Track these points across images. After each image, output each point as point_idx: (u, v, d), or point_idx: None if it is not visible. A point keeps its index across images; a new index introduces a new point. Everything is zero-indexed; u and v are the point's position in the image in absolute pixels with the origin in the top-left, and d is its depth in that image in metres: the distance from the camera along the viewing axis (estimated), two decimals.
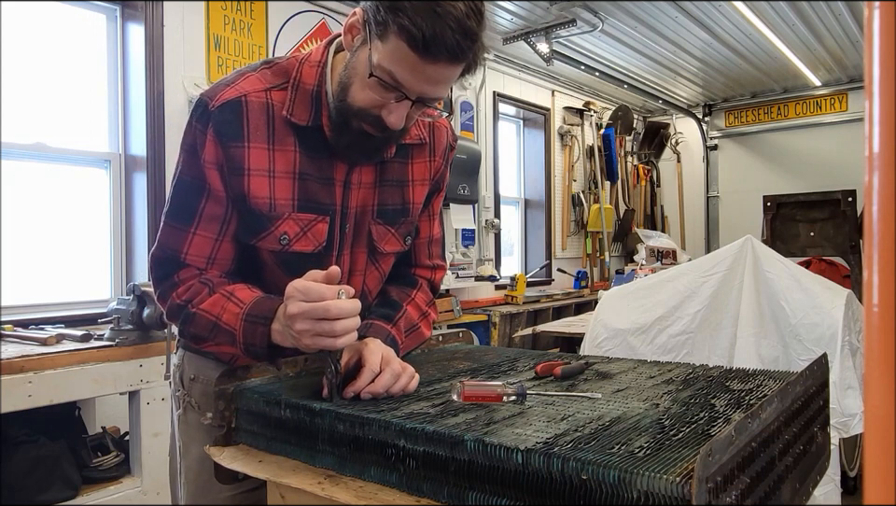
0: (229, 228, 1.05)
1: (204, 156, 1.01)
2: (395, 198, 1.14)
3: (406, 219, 1.16)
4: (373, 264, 1.16)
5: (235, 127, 1.01)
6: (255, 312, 0.96)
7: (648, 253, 4.70)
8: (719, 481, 0.57)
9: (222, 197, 1.03)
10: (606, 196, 6.65)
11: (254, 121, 1.02)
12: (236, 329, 0.97)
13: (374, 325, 1.11)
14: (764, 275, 2.37)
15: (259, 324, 0.95)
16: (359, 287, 1.14)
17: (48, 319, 2.69)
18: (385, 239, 1.14)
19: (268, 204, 1.02)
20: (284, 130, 1.03)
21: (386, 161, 1.12)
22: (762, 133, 7.23)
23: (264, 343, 0.96)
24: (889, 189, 0.33)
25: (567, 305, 5.50)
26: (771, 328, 2.33)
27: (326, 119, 1.03)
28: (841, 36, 5.30)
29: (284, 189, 1.03)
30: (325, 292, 0.88)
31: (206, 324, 1.01)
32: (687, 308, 2.48)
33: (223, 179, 1.02)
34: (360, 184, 1.10)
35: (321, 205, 1.06)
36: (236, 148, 1.01)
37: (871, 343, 0.33)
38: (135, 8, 3.15)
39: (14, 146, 2.85)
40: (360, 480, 0.79)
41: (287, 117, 1.03)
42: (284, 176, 1.03)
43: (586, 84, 6.44)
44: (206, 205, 1.03)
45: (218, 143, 1.01)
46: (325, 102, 1.03)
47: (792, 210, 3.85)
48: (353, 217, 1.10)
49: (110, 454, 2.38)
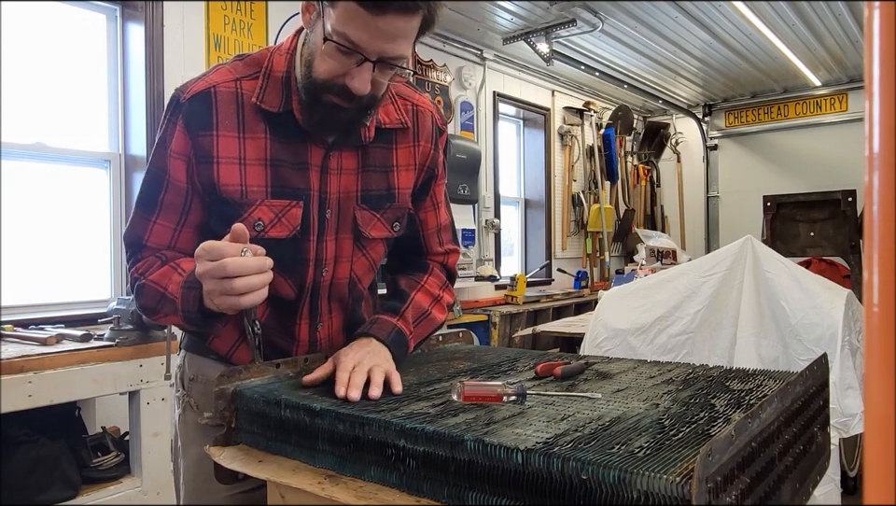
0: (188, 218, 1.07)
1: (172, 146, 1.03)
2: (379, 183, 1.13)
3: (392, 205, 1.15)
4: (360, 251, 1.15)
5: (204, 117, 1.02)
6: (191, 278, 0.96)
7: (648, 253, 4.70)
8: (719, 481, 0.57)
9: (182, 188, 1.05)
10: (606, 196, 6.65)
11: (223, 111, 1.03)
12: (177, 296, 0.98)
13: (379, 320, 1.12)
14: (764, 275, 2.37)
15: (193, 288, 0.95)
16: (347, 273, 1.14)
17: (48, 319, 2.69)
18: (370, 224, 1.14)
19: (239, 191, 1.03)
20: (254, 118, 1.04)
21: (368, 147, 1.11)
22: (762, 133, 7.23)
23: (196, 307, 0.95)
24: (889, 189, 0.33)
25: (567, 305, 5.50)
26: (771, 328, 2.33)
27: (296, 104, 1.04)
28: (841, 36, 5.30)
29: (256, 176, 1.04)
30: (225, 250, 0.88)
31: (154, 295, 1.02)
32: (687, 308, 2.48)
33: (188, 170, 1.04)
34: (341, 169, 1.10)
35: (295, 190, 1.06)
36: (205, 137, 1.02)
37: (871, 343, 0.33)
38: (135, 8, 3.15)
39: (14, 146, 2.85)
40: (360, 480, 0.79)
41: (257, 104, 1.03)
42: (255, 164, 1.04)
43: (586, 84, 6.44)
44: (166, 196, 1.05)
45: (187, 133, 1.02)
46: (294, 87, 1.04)
47: (792, 210, 3.85)
48: (335, 203, 1.10)
49: (110, 454, 2.38)
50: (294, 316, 1.13)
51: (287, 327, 1.13)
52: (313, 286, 1.11)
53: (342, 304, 1.18)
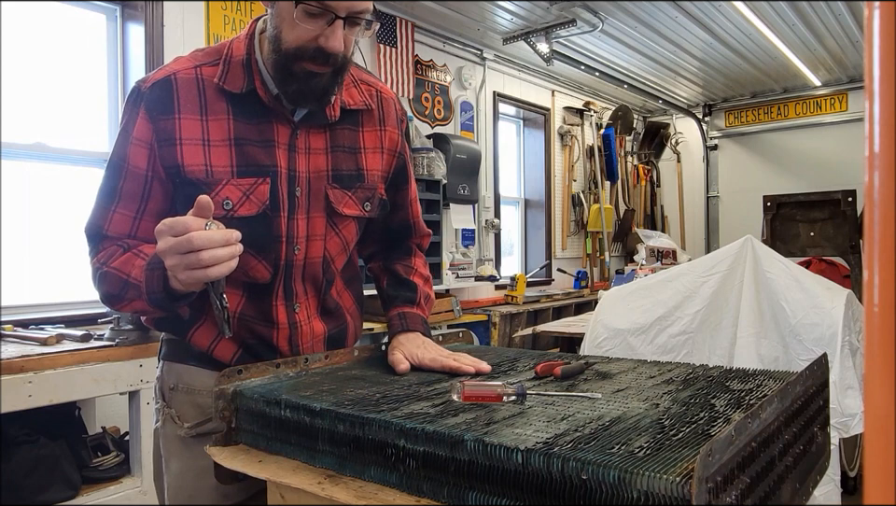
0: (148, 206, 1.07)
1: (134, 134, 1.04)
2: (349, 164, 1.16)
3: (362, 185, 1.17)
4: (333, 229, 1.16)
5: (166, 102, 1.04)
6: (153, 259, 0.96)
7: (648, 253, 4.70)
8: (719, 481, 0.57)
9: (141, 175, 1.05)
10: (606, 196, 6.65)
11: (184, 96, 1.05)
12: (141, 281, 0.97)
13: (408, 315, 1.23)
14: (764, 275, 2.37)
15: (157, 269, 0.95)
16: (320, 252, 1.15)
17: (48, 319, 2.69)
18: (342, 202, 1.15)
19: (204, 171, 1.04)
20: (216, 100, 1.06)
21: (336, 128, 1.14)
22: (762, 133, 7.23)
23: (160, 287, 0.95)
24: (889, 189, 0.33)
25: (567, 305, 5.51)
26: (771, 328, 2.33)
27: (259, 83, 1.07)
28: (841, 36, 5.30)
29: (220, 157, 1.05)
30: (190, 224, 0.88)
31: (117, 282, 1.01)
32: (687, 308, 2.48)
33: (150, 157, 1.05)
34: (309, 149, 1.12)
35: (261, 168, 1.07)
36: (167, 121, 1.04)
37: (871, 343, 0.33)
38: (135, 8, 3.15)
39: (14, 146, 2.85)
40: (360, 480, 0.79)
41: (220, 85, 1.06)
42: (219, 144, 1.05)
43: (586, 84, 6.44)
44: (125, 184, 1.06)
45: (149, 119, 1.04)
46: (256, 69, 1.07)
47: (792, 210, 3.85)
48: (305, 182, 1.11)
49: (110, 454, 2.38)
50: (270, 299, 1.12)
51: (264, 311, 1.12)
52: (286, 265, 1.11)
53: (315, 285, 1.18)
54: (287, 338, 1.14)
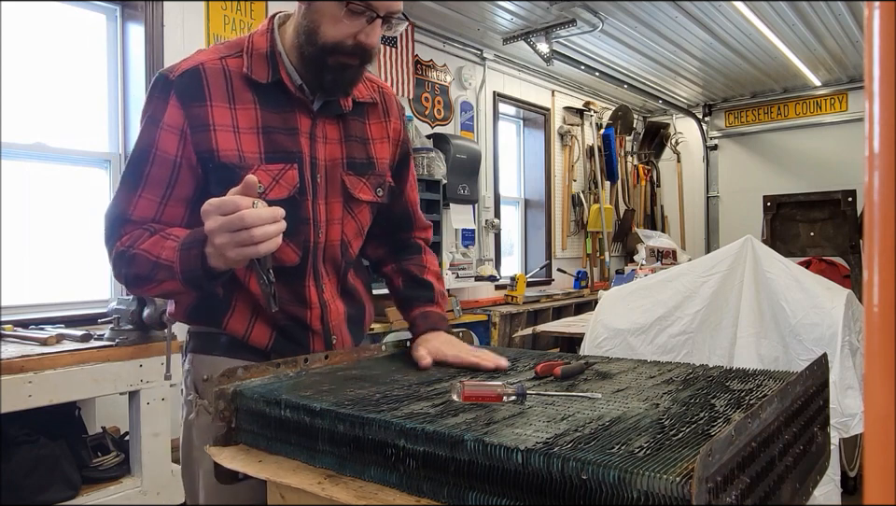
0: (174, 191, 1.10)
1: (165, 120, 1.07)
2: (360, 153, 1.23)
3: (373, 172, 1.25)
4: (350, 214, 1.22)
5: (196, 90, 1.08)
6: (188, 239, 1.00)
7: (648, 253, 4.70)
8: (719, 481, 0.57)
9: (170, 160, 1.08)
10: (606, 196, 6.65)
11: (213, 84, 1.10)
12: (174, 261, 1.00)
13: (430, 313, 1.27)
14: (764, 275, 2.37)
15: (194, 248, 0.98)
16: (339, 236, 1.21)
17: (48, 319, 2.69)
18: (357, 188, 1.22)
19: (237, 156, 1.08)
20: (242, 90, 1.12)
21: (347, 119, 1.22)
22: (762, 133, 7.23)
23: (198, 265, 0.98)
24: (889, 189, 0.33)
25: (567, 305, 5.51)
26: (771, 328, 2.33)
27: (284, 73, 1.13)
28: (841, 36, 5.30)
29: (250, 144, 1.10)
30: (239, 203, 0.91)
31: (146, 263, 1.03)
32: (687, 308, 2.48)
33: (181, 142, 1.08)
34: (326, 138, 1.18)
35: (289, 154, 1.13)
36: (200, 108, 1.08)
37: (871, 343, 0.33)
38: (135, 8, 3.15)
39: (14, 146, 2.85)
40: (360, 480, 0.79)
41: (247, 74, 1.11)
42: (248, 132, 1.10)
43: (586, 84, 6.44)
44: (152, 170, 1.08)
45: (181, 106, 1.08)
46: (280, 60, 1.13)
47: (792, 210, 3.85)
48: (323, 169, 1.17)
49: (110, 454, 2.38)
50: (303, 280, 1.18)
51: (297, 293, 1.17)
52: (313, 248, 1.17)
53: (336, 267, 1.23)
54: (320, 317, 1.19)
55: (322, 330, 1.20)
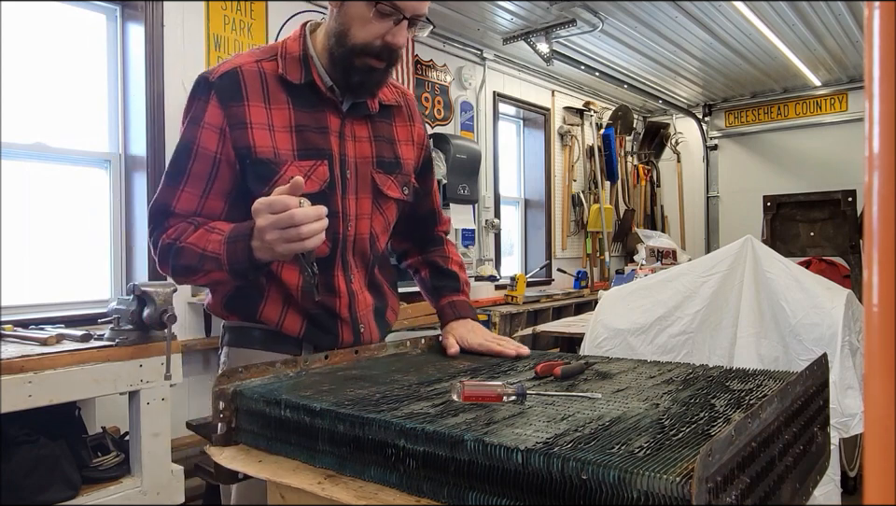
0: (214, 186, 1.17)
1: (205, 119, 1.16)
2: (389, 152, 1.31)
3: (400, 171, 1.32)
4: (378, 210, 1.30)
5: (235, 90, 1.17)
6: (234, 233, 1.08)
7: (648, 253, 4.70)
8: (719, 481, 0.57)
9: (210, 156, 1.16)
10: (606, 196, 6.65)
11: (250, 85, 1.18)
12: (220, 253, 1.09)
13: (457, 302, 1.36)
14: (764, 275, 2.37)
15: (240, 241, 1.06)
16: (367, 230, 1.28)
17: (48, 319, 2.69)
18: (386, 185, 1.29)
19: (272, 152, 1.16)
20: (277, 91, 1.19)
21: (375, 120, 1.29)
22: (762, 133, 7.23)
23: (245, 257, 1.06)
24: (889, 189, 0.33)
25: (567, 305, 5.50)
26: (771, 328, 2.33)
27: (316, 75, 1.20)
28: (841, 36, 5.30)
29: (284, 141, 1.18)
30: (288, 202, 0.99)
31: (194, 255, 1.11)
32: (687, 308, 2.48)
33: (220, 139, 1.16)
34: (355, 137, 1.26)
35: (319, 151, 1.20)
36: (237, 107, 1.16)
37: (871, 343, 0.33)
38: (135, 8, 3.15)
39: (14, 146, 2.85)
40: (360, 480, 0.79)
41: (282, 74, 1.19)
42: (282, 131, 1.18)
43: (586, 84, 6.44)
44: (194, 165, 1.16)
45: (220, 105, 1.16)
46: (312, 63, 1.21)
47: (792, 210, 3.85)
48: (353, 166, 1.25)
49: (110, 454, 2.37)
50: (332, 270, 1.24)
51: (327, 282, 1.23)
52: (342, 239, 1.24)
53: (364, 260, 1.30)
54: (348, 306, 1.26)
55: (350, 318, 1.26)
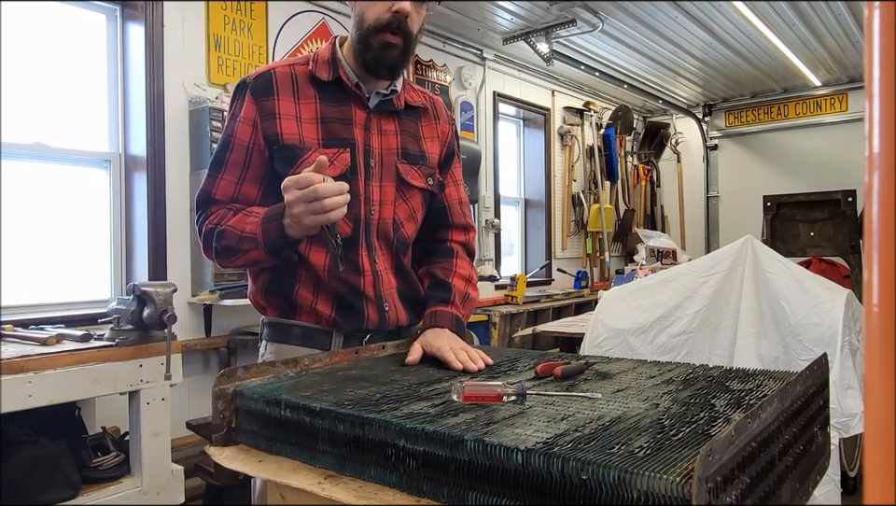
0: (248, 173, 1.30)
1: (241, 115, 1.30)
2: (413, 146, 1.41)
3: (424, 164, 1.42)
4: (402, 198, 1.39)
5: (267, 88, 1.30)
6: (268, 214, 1.20)
7: (648, 253, 4.70)
8: (719, 481, 0.57)
9: (244, 146, 1.29)
10: (606, 196, 6.64)
11: (281, 83, 1.31)
12: (257, 233, 1.21)
13: (438, 312, 1.35)
14: (764, 275, 2.37)
15: (273, 220, 1.18)
16: (390, 216, 1.37)
17: (48, 319, 2.69)
18: (410, 174, 1.39)
19: (298, 138, 1.28)
20: (306, 88, 1.32)
21: (402, 117, 1.40)
22: (762, 133, 7.23)
23: (278, 234, 1.17)
24: (889, 189, 0.33)
25: (567, 305, 5.50)
26: (771, 328, 2.33)
27: (342, 73, 1.32)
28: (841, 36, 5.30)
29: (309, 132, 1.30)
30: (312, 178, 1.10)
31: (233, 236, 1.24)
32: (687, 308, 2.48)
33: (252, 130, 1.29)
34: (381, 130, 1.36)
35: (343, 140, 1.31)
36: (268, 101, 1.29)
37: (871, 343, 0.33)
38: (135, 8, 3.15)
39: (14, 146, 2.85)
40: (360, 480, 0.79)
41: (311, 72, 1.32)
42: (309, 122, 1.30)
43: (586, 84, 6.44)
44: (231, 156, 1.30)
45: (254, 101, 1.30)
46: (339, 64, 1.34)
47: (792, 210, 3.85)
48: (378, 156, 1.35)
49: (110, 454, 2.37)
50: (356, 249, 1.33)
51: (352, 261, 1.32)
52: (365, 222, 1.33)
53: (388, 243, 1.38)
54: (372, 284, 1.33)
55: (374, 296, 1.33)
